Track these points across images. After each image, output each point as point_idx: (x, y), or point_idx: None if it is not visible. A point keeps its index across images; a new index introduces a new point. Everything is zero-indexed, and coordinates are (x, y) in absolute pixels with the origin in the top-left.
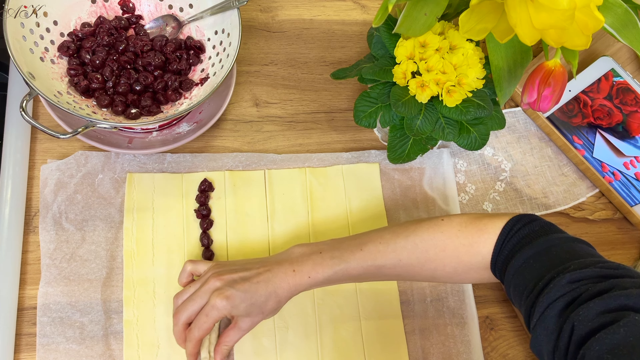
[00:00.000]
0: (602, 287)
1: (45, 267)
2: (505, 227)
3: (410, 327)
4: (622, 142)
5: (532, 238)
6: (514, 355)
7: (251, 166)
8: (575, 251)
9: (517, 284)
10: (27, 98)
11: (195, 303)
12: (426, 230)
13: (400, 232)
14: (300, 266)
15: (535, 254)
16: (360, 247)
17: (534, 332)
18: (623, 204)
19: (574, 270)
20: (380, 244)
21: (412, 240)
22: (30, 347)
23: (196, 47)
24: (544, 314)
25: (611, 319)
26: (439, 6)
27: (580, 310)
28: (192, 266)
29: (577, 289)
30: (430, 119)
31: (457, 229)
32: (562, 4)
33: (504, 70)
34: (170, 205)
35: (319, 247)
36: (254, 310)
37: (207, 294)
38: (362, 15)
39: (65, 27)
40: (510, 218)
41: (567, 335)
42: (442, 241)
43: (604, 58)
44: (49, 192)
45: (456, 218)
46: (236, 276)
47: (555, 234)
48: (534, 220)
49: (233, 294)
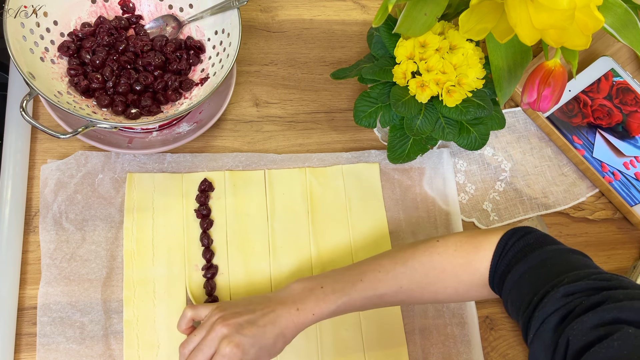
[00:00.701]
0: (595, 300)
1: (45, 267)
2: (500, 242)
3: (410, 327)
4: (622, 142)
5: (527, 251)
6: (514, 355)
7: (251, 166)
8: (570, 263)
9: (514, 299)
10: (27, 98)
11: (204, 354)
12: (423, 254)
13: (399, 257)
14: (303, 304)
15: (530, 268)
16: (360, 278)
17: (531, 346)
18: (623, 204)
19: (567, 284)
20: (380, 273)
21: (410, 265)
22: (30, 347)
23: (196, 47)
24: (540, 329)
25: (605, 332)
26: (439, 6)
27: (574, 325)
28: (192, 312)
29: (571, 302)
30: (430, 119)
31: (453, 249)
32: (562, 4)
33: (504, 70)
34: (170, 205)
35: (320, 281)
36: (263, 354)
37: (214, 342)
38: (362, 15)
39: (65, 27)
40: (505, 233)
41: (563, 349)
42: (440, 263)
43: (604, 58)
44: (49, 192)
45: (451, 238)
46: (242, 320)
47: (550, 246)
48: (528, 233)
49: (242, 341)
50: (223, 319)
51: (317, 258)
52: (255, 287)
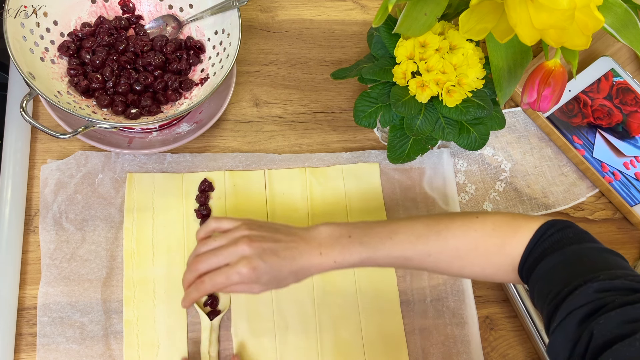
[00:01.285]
0: (629, 299)
1: (45, 267)
2: (539, 230)
3: (410, 327)
4: (622, 142)
5: (565, 244)
6: (514, 355)
7: (251, 166)
8: (607, 262)
9: (542, 286)
10: (27, 98)
11: (218, 260)
12: (459, 227)
13: (433, 225)
14: (327, 249)
15: (565, 260)
16: (390, 237)
17: (552, 336)
18: (623, 204)
19: (603, 280)
20: (412, 236)
21: (444, 235)
22: (30, 347)
23: (196, 47)
24: (565, 320)
25: (629, 330)
26: (439, 6)
27: (601, 320)
28: (216, 224)
29: (603, 298)
30: (430, 119)
31: (491, 227)
32: (562, 4)
33: (504, 70)
34: (170, 205)
35: (349, 230)
36: (272, 283)
37: (233, 256)
38: (362, 15)
39: (65, 27)
40: (546, 222)
41: (585, 343)
42: (474, 239)
43: (604, 58)
44: (49, 192)
45: (490, 217)
46: (266, 246)
47: (589, 244)
48: (568, 227)
49: (260, 266)
50: (249, 239)
51: None
52: None
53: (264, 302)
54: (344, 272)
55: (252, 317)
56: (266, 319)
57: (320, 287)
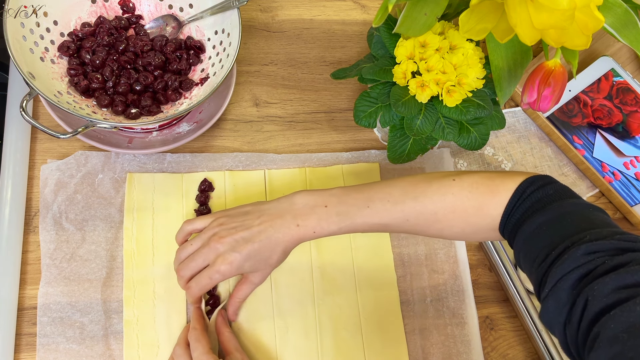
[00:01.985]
0: (619, 260)
1: (45, 267)
2: (517, 190)
3: (410, 327)
4: (622, 142)
5: (546, 203)
6: (514, 355)
7: (251, 166)
8: (591, 220)
9: (528, 251)
10: (27, 98)
11: (197, 263)
12: (436, 191)
13: (410, 190)
14: (304, 220)
15: (548, 221)
16: (367, 204)
17: (544, 303)
18: (623, 204)
19: (589, 242)
20: (388, 202)
21: (421, 200)
22: (30, 347)
23: (196, 47)
24: (557, 286)
25: (627, 295)
26: (439, 6)
27: (595, 285)
28: (190, 226)
29: (593, 261)
30: (430, 119)
31: (468, 190)
32: (562, 4)
33: (504, 70)
34: (170, 205)
35: (324, 198)
36: (261, 266)
37: (208, 256)
38: (362, 15)
39: (65, 27)
40: (524, 179)
41: (580, 309)
42: (452, 203)
43: (604, 58)
44: (49, 192)
45: (467, 178)
46: (238, 237)
47: (571, 200)
48: (548, 184)
49: (236, 259)
50: (219, 236)
51: (317, 258)
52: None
53: (263, 302)
54: (344, 272)
55: (252, 317)
56: (266, 318)
57: (320, 287)
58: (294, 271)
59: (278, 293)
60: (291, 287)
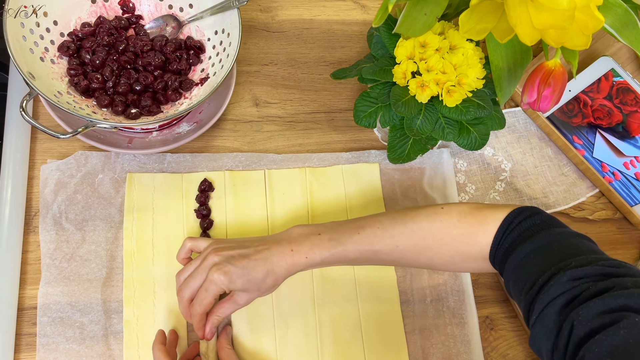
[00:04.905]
0: (603, 286)
1: (45, 267)
2: (505, 220)
3: (410, 327)
4: (622, 142)
5: (533, 232)
6: (514, 355)
7: (251, 166)
8: (577, 247)
9: (517, 279)
10: (27, 98)
11: (196, 280)
12: (425, 219)
13: (399, 218)
14: (298, 246)
15: (536, 249)
16: (357, 231)
17: (533, 329)
18: (623, 204)
19: (574, 268)
20: (379, 229)
21: (410, 227)
22: (30, 347)
23: (196, 47)
24: (544, 312)
25: (611, 319)
26: (439, 6)
27: (580, 310)
28: (191, 243)
29: (578, 287)
30: (430, 119)
31: (457, 218)
32: (562, 4)
33: (504, 70)
34: (170, 205)
35: (318, 228)
36: (251, 287)
37: (206, 270)
38: (362, 15)
39: (65, 27)
40: (512, 210)
41: (567, 334)
42: (440, 230)
43: (604, 58)
44: (49, 192)
45: (456, 207)
46: (234, 253)
47: (557, 229)
48: (535, 214)
49: (230, 270)
50: (217, 250)
51: None
52: None
53: (264, 302)
54: (344, 272)
55: (252, 317)
56: (266, 318)
57: (320, 287)
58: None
59: (278, 294)
60: (291, 289)
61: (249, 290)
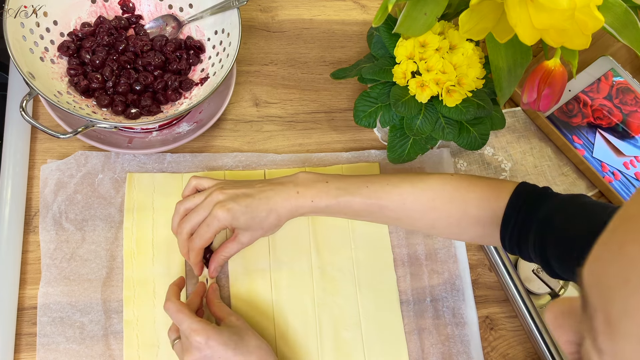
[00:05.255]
0: None
1: (45, 267)
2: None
3: (410, 327)
4: (622, 141)
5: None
6: (514, 355)
7: (251, 166)
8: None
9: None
10: (27, 98)
11: (198, 215)
12: (436, 181)
13: (409, 178)
14: (304, 189)
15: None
16: (366, 184)
17: None
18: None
19: None
20: (387, 185)
21: (419, 186)
22: (30, 347)
23: (196, 47)
24: None
25: None
26: (439, 6)
27: None
28: (196, 181)
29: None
30: (430, 119)
31: (467, 183)
32: (562, 4)
33: (504, 70)
34: (170, 205)
35: (326, 177)
36: (254, 225)
37: (209, 206)
38: (362, 15)
39: (65, 27)
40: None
41: None
42: (450, 192)
43: (604, 58)
44: (49, 192)
45: (466, 175)
46: (239, 192)
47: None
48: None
49: (234, 207)
50: (221, 189)
51: (317, 258)
52: (254, 287)
53: (264, 302)
54: (344, 272)
55: (252, 317)
56: (266, 319)
57: (320, 287)
58: (294, 271)
59: (278, 293)
60: (291, 287)
61: (251, 228)
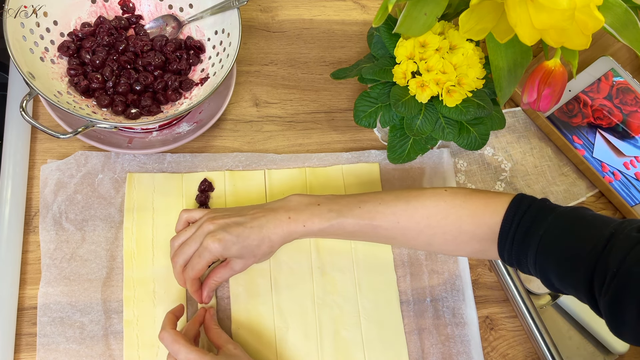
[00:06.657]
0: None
1: (45, 267)
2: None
3: (410, 327)
4: (622, 142)
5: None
6: (514, 355)
7: (251, 166)
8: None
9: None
10: (27, 98)
11: (190, 247)
12: (429, 198)
13: (402, 196)
14: (296, 214)
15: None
16: (359, 205)
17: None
18: (623, 204)
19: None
20: (380, 205)
21: (413, 204)
22: (30, 347)
23: (196, 47)
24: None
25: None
26: (439, 6)
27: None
28: (187, 214)
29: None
30: (430, 119)
31: (461, 199)
32: (562, 4)
33: (504, 70)
34: (170, 205)
35: (317, 199)
36: (247, 254)
37: (200, 237)
38: (362, 15)
39: (65, 27)
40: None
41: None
42: (444, 209)
43: (604, 58)
44: (49, 192)
45: (459, 190)
46: (229, 221)
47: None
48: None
49: (225, 237)
50: (212, 219)
51: (316, 258)
52: (254, 287)
53: (264, 302)
54: (344, 272)
55: (252, 317)
56: (266, 319)
57: (320, 287)
58: (294, 271)
59: (278, 293)
60: (291, 288)
61: (244, 256)
